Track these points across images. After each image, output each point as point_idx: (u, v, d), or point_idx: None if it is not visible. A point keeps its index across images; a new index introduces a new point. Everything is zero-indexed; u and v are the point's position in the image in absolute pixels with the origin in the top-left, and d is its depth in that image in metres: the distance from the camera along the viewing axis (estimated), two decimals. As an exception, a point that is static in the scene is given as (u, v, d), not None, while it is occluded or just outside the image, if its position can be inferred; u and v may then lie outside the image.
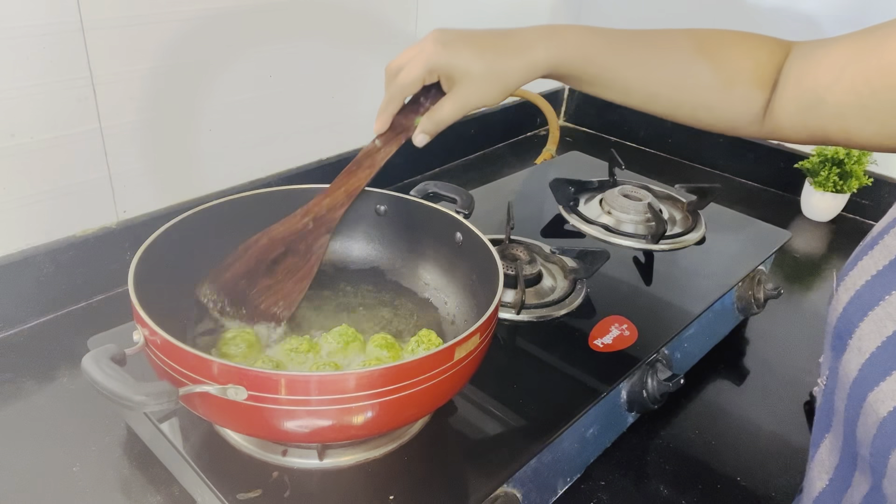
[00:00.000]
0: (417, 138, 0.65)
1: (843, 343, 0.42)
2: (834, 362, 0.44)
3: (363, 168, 0.69)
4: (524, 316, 0.78)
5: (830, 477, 0.46)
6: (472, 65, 0.60)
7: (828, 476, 0.47)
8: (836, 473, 0.46)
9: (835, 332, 0.44)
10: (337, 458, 0.60)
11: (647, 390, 0.73)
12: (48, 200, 0.83)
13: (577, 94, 1.59)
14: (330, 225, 0.70)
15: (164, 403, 0.49)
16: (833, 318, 0.44)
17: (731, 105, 0.61)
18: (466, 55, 0.60)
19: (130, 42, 0.83)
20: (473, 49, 0.61)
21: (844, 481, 0.45)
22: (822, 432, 0.47)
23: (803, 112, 0.56)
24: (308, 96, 1.07)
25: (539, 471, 0.64)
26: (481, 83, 0.61)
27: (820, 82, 0.54)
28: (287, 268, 0.69)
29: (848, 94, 0.52)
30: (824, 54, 0.55)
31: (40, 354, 0.80)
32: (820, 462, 0.47)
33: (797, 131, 0.58)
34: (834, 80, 0.53)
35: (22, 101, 0.77)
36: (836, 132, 0.55)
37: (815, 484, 0.48)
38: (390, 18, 1.14)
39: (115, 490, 0.64)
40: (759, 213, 1.10)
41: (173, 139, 0.93)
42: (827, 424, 0.46)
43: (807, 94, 0.56)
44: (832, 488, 0.46)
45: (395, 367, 0.52)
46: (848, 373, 0.42)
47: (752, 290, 0.92)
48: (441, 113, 0.63)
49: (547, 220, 1.01)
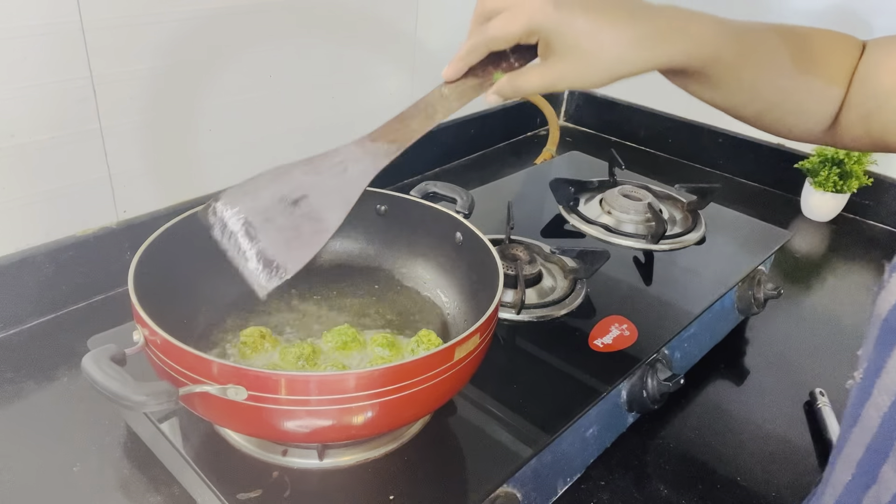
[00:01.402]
0: (490, 97, 0.54)
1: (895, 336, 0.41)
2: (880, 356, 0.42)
3: (420, 117, 0.56)
4: (524, 316, 0.78)
5: (854, 472, 0.46)
6: (583, 40, 0.48)
7: (852, 470, 0.46)
8: (860, 468, 0.45)
9: (884, 325, 0.41)
10: (337, 458, 0.60)
11: (647, 390, 0.73)
12: (48, 200, 0.83)
13: (578, 94, 1.60)
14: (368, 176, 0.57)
15: (164, 403, 0.49)
16: (883, 310, 0.41)
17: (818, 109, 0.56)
18: (580, 26, 0.48)
19: (130, 42, 0.83)
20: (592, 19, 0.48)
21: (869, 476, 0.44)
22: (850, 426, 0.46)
23: (864, 118, 0.53)
24: (308, 96, 1.07)
25: (539, 471, 0.64)
26: (587, 64, 0.49)
27: (881, 88, 0.51)
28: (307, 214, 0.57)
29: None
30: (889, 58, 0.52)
31: (40, 354, 0.80)
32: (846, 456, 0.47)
33: (856, 138, 0.55)
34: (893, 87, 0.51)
35: (22, 101, 0.77)
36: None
37: (840, 477, 0.47)
38: (390, 18, 1.14)
39: (115, 490, 0.64)
40: (759, 213, 1.10)
41: (173, 139, 0.93)
42: (856, 418, 0.45)
43: (868, 99, 0.53)
44: (856, 483, 0.46)
45: (395, 367, 0.52)
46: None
47: (752, 290, 0.92)
48: (527, 81, 0.52)
49: (547, 220, 1.01)
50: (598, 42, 0.48)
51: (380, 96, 1.18)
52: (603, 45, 0.48)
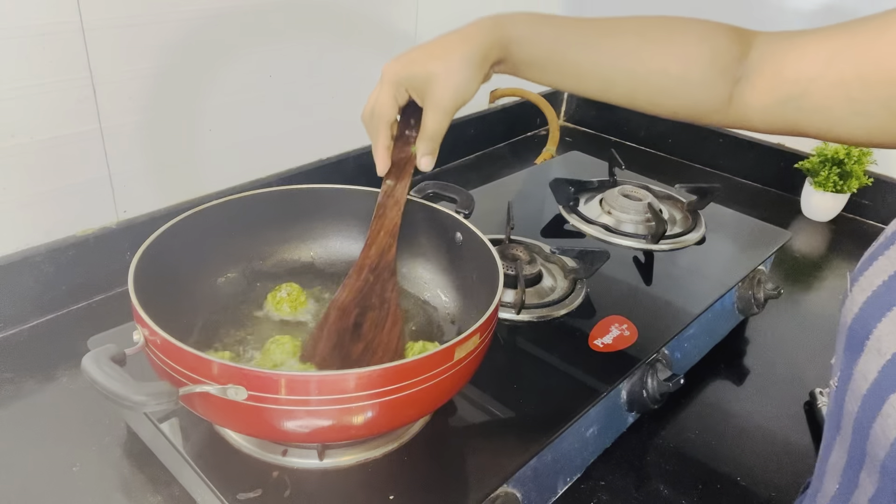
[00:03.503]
0: (422, 163, 0.66)
1: (860, 344, 0.42)
2: (848, 364, 0.43)
3: (389, 207, 0.70)
4: (524, 316, 0.78)
5: (840, 480, 0.46)
6: (429, 66, 0.61)
7: (838, 478, 0.46)
8: (844, 476, 0.45)
9: (850, 333, 0.43)
10: (337, 458, 0.60)
11: (647, 390, 0.73)
12: (48, 200, 0.83)
13: (577, 94, 1.59)
14: (390, 268, 0.69)
15: (164, 403, 0.49)
16: (848, 319, 0.43)
17: (689, 91, 0.60)
18: (421, 60, 0.61)
19: (130, 42, 0.83)
20: (425, 53, 0.62)
21: (852, 483, 0.45)
22: (833, 434, 0.47)
23: (782, 104, 0.56)
24: (308, 96, 1.07)
25: (539, 471, 0.64)
26: (446, 80, 0.61)
27: (804, 74, 0.54)
28: (372, 324, 0.67)
29: (836, 86, 0.52)
30: (806, 45, 0.54)
31: (40, 354, 0.80)
32: (832, 464, 0.47)
33: (769, 122, 0.58)
34: (820, 73, 0.53)
35: (22, 101, 0.77)
36: (815, 124, 0.54)
37: (828, 487, 0.48)
38: (390, 18, 1.14)
39: (115, 490, 0.64)
40: (759, 213, 1.10)
41: (173, 139, 0.93)
42: (836, 426, 0.46)
43: (787, 85, 0.55)
44: (842, 491, 0.46)
45: (395, 367, 0.52)
46: (865, 374, 0.41)
47: (752, 290, 0.92)
48: (428, 128, 0.64)
49: (547, 220, 1.01)
50: (439, 61, 0.61)
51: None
52: (443, 60, 0.61)
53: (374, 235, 0.70)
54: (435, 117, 0.63)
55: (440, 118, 0.63)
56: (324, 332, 0.66)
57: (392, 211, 0.70)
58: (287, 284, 0.72)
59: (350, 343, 0.65)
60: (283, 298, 0.71)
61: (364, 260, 0.69)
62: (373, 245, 0.70)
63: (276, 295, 0.71)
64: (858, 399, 0.42)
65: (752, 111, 0.58)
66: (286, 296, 0.71)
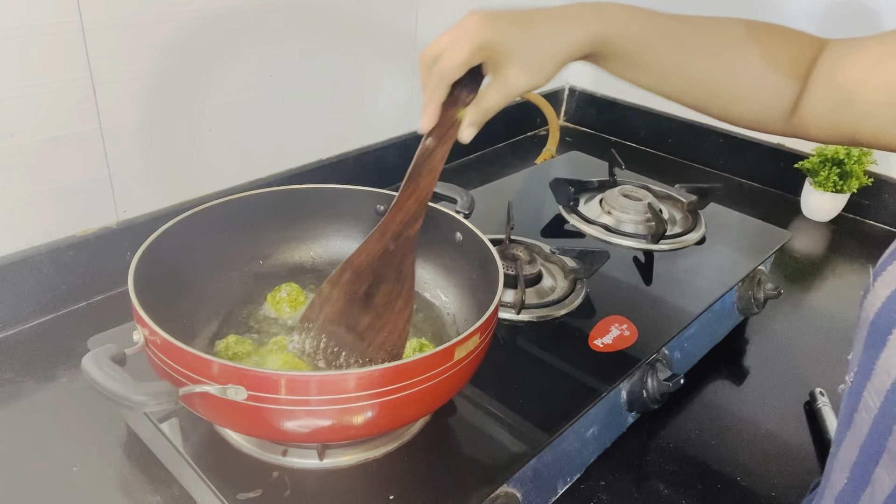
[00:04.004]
0: (465, 133, 0.61)
1: (883, 339, 0.41)
2: (868, 359, 0.43)
3: (425, 173, 0.64)
4: (524, 316, 0.78)
5: (849, 475, 0.46)
6: (517, 43, 0.56)
7: (847, 474, 0.46)
8: (855, 471, 0.45)
9: (872, 328, 0.42)
10: (337, 458, 0.60)
11: (647, 390, 0.73)
12: (48, 200, 0.83)
13: (578, 93, 1.60)
14: (412, 244, 0.66)
15: (164, 403, 0.49)
16: (870, 314, 0.42)
17: (763, 97, 0.59)
18: (513, 32, 0.56)
19: (130, 42, 0.83)
20: (519, 25, 0.56)
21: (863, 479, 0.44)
22: (844, 430, 0.47)
23: (833, 110, 0.55)
24: (308, 96, 1.07)
25: (539, 471, 0.64)
26: (527, 64, 0.56)
27: (851, 79, 0.53)
28: (384, 297, 0.64)
29: (879, 92, 0.51)
30: (858, 52, 0.54)
31: (40, 354, 0.80)
32: (841, 460, 0.47)
33: (824, 129, 0.57)
34: (865, 78, 0.52)
35: (22, 101, 0.77)
36: (865, 131, 0.54)
37: (837, 482, 0.48)
38: (390, 18, 1.14)
39: (115, 490, 0.64)
40: (759, 213, 1.10)
41: (173, 139, 0.93)
42: (849, 422, 0.46)
43: (837, 91, 0.54)
44: (852, 486, 0.46)
45: (395, 367, 0.52)
46: (888, 369, 0.40)
47: (752, 290, 0.92)
48: (488, 101, 0.58)
49: (547, 220, 1.01)
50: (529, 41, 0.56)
51: (379, 96, 1.18)
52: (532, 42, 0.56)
53: (402, 200, 0.65)
54: (499, 95, 0.58)
55: (503, 98, 0.58)
56: (335, 291, 0.64)
57: (426, 178, 0.64)
58: (287, 284, 0.73)
59: (359, 312, 0.63)
60: (283, 298, 0.71)
61: (389, 223, 0.65)
62: (400, 210, 0.65)
63: (276, 295, 0.72)
64: (881, 394, 0.41)
65: (810, 118, 0.57)
66: (286, 296, 0.71)
